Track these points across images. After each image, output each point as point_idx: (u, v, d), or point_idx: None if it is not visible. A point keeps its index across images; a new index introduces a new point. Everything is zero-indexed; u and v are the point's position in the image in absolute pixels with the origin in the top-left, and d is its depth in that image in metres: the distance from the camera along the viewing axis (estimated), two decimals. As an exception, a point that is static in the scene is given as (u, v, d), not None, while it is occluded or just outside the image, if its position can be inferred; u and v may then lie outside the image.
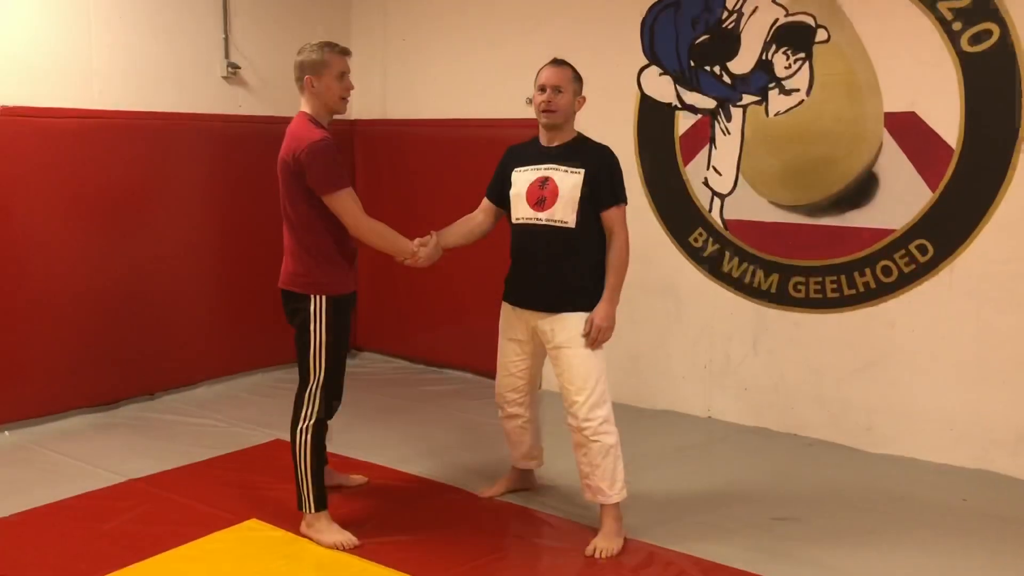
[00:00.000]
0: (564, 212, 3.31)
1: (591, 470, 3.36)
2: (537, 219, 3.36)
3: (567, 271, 3.34)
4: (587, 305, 3.33)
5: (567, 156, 3.35)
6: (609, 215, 3.32)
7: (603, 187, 3.31)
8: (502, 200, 3.53)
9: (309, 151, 3.12)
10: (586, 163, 3.31)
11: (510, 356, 3.58)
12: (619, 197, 3.34)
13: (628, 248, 3.36)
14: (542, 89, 3.34)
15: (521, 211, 3.41)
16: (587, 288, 3.34)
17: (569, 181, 3.31)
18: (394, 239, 3.39)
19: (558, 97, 3.32)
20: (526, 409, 3.65)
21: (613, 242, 3.34)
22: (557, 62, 3.40)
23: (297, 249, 3.28)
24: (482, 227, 3.64)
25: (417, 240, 3.45)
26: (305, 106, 3.30)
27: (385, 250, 3.41)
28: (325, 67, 3.25)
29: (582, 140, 3.43)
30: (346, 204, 3.21)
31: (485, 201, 3.63)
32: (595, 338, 3.30)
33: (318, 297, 3.26)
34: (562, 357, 3.36)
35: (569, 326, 3.33)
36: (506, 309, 3.56)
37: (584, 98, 3.42)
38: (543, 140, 3.44)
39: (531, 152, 3.46)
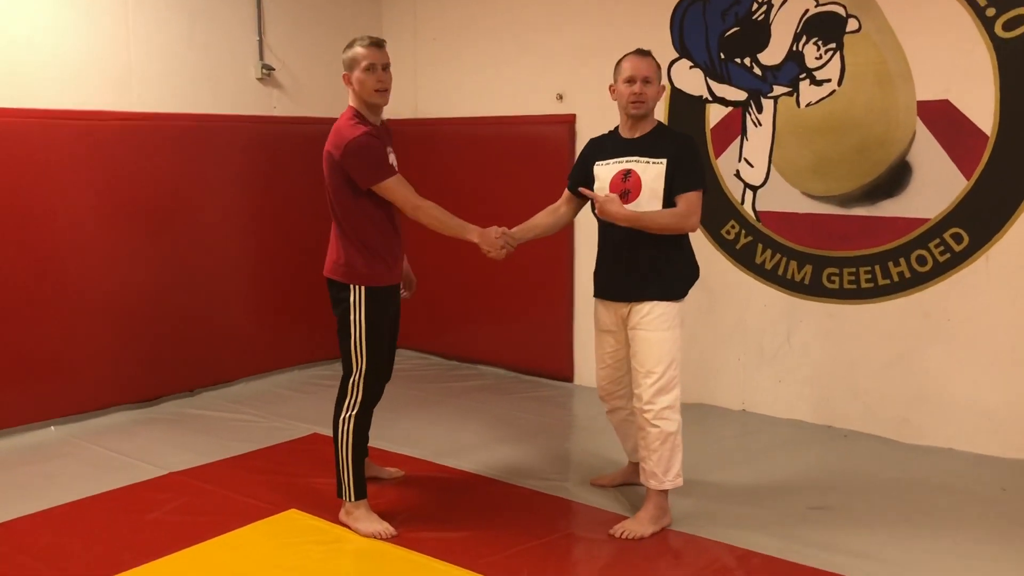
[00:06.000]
0: (649, 204, 3.29)
1: (647, 454, 3.38)
2: None
3: (651, 261, 3.33)
4: (668, 292, 3.32)
5: (649, 147, 3.32)
6: (681, 199, 3.26)
7: (681, 173, 3.26)
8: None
9: (346, 149, 3.19)
10: (667, 153, 3.28)
11: (605, 348, 3.56)
12: (693, 183, 3.27)
13: (684, 222, 3.26)
14: (630, 81, 3.30)
15: None
16: (664, 275, 3.33)
17: (651, 172, 3.29)
18: (454, 222, 3.34)
19: (648, 88, 3.29)
20: (628, 401, 3.58)
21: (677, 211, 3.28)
22: (642, 52, 3.35)
23: (341, 239, 3.34)
24: (565, 218, 3.62)
25: (495, 229, 3.35)
26: (351, 100, 3.37)
27: (446, 232, 3.36)
28: (355, 62, 3.31)
29: (662, 130, 3.39)
30: (396, 190, 3.26)
31: (567, 192, 3.60)
32: (601, 205, 3.28)
33: (358, 287, 3.32)
34: (637, 338, 3.36)
35: (647, 309, 3.32)
36: (596, 303, 3.55)
37: (664, 87, 3.30)
38: (624, 132, 3.41)
39: (612, 144, 3.43)
